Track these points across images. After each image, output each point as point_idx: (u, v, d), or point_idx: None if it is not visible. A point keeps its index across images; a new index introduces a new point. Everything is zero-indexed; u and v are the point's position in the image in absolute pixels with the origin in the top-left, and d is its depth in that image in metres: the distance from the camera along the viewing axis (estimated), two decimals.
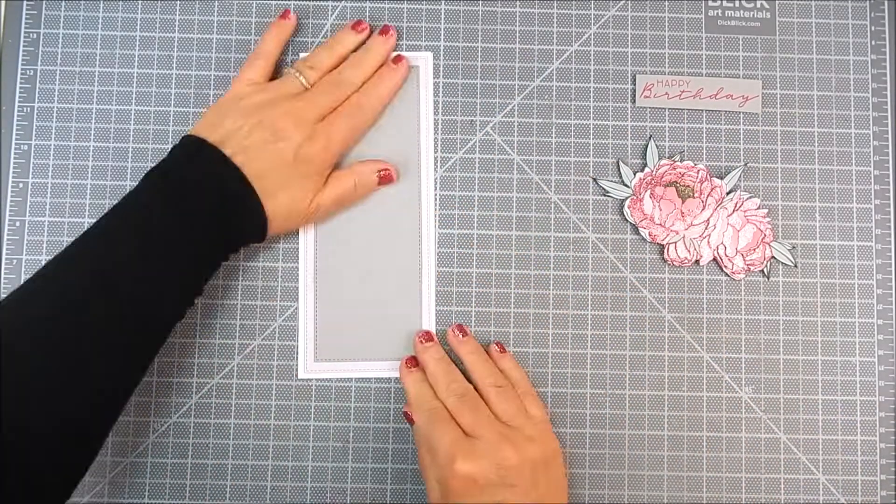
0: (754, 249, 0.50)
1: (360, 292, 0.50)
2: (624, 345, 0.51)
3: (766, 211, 0.50)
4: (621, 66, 0.53)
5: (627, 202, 0.50)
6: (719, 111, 0.52)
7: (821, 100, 0.52)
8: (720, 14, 0.53)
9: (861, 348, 0.51)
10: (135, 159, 0.51)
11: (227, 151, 0.43)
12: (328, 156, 0.46)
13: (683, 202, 0.50)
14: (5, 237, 0.51)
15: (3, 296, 0.50)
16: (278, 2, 0.53)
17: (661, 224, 0.50)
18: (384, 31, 0.50)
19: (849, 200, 0.52)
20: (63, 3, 0.52)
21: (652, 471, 0.50)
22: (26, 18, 0.52)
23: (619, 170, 0.51)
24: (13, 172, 0.51)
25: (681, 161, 0.50)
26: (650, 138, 0.51)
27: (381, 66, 0.50)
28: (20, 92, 0.52)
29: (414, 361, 0.48)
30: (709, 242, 0.50)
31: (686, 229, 0.50)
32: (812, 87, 0.53)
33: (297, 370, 0.50)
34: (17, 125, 0.51)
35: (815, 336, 0.51)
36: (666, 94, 0.52)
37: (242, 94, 0.46)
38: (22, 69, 0.52)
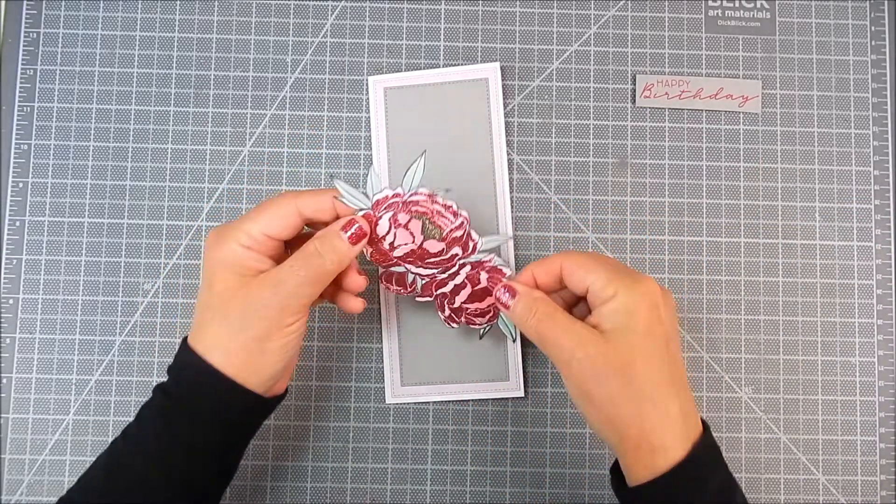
0: (482, 312, 0.44)
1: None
2: None
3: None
4: (621, 66, 0.53)
5: (361, 214, 0.41)
6: (719, 111, 0.52)
7: (821, 100, 0.53)
8: (720, 14, 0.53)
9: (861, 348, 0.51)
10: (135, 159, 0.51)
11: None
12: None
13: (424, 240, 0.42)
14: (5, 237, 0.51)
15: (3, 297, 0.50)
16: (278, 2, 0.53)
17: (388, 250, 0.42)
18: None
19: (849, 200, 0.52)
20: (63, 2, 0.52)
21: None
22: (26, 18, 0.52)
23: (369, 177, 0.42)
24: (13, 172, 0.51)
25: (442, 199, 0.42)
26: (423, 154, 0.42)
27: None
28: (20, 92, 0.52)
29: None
30: (435, 286, 0.44)
31: (415, 266, 0.43)
32: (812, 87, 0.53)
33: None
34: (17, 125, 0.51)
35: (815, 336, 0.51)
36: (666, 94, 0.52)
37: None
38: (22, 69, 0.52)
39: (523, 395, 0.50)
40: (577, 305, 0.44)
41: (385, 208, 0.42)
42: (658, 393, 0.36)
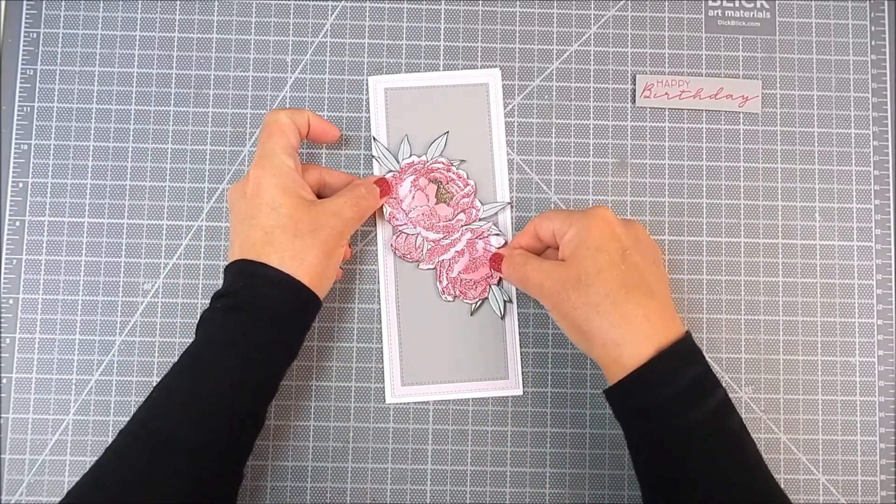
0: (475, 283, 0.50)
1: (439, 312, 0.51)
2: None
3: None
4: (621, 66, 0.53)
5: (389, 175, 0.50)
6: (719, 111, 0.52)
7: (821, 100, 0.53)
8: (720, 14, 0.53)
9: (861, 348, 0.51)
10: (135, 159, 0.51)
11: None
12: None
13: (437, 203, 0.50)
14: (5, 237, 0.51)
15: (3, 297, 0.50)
16: (278, 2, 0.53)
17: (405, 211, 0.50)
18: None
19: (849, 200, 0.52)
20: (63, 2, 0.52)
21: None
22: (26, 18, 0.52)
23: (401, 143, 0.51)
24: (13, 172, 0.51)
25: (457, 168, 0.50)
26: (446, 133, 0.51)
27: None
28: (20, 92, 0.52)
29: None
30: (438, 252, 0.50)
31: (425, 228, 0.50)
32: (812, 87, 0.53)
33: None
34: (17, 125, 0.51)
35: (815, 336, 0.51)
36: (666, 94, 0.52)
37: None
38: (22, 69, 0.52)
39: (522, 394, 0.50)
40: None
41: (410, 172, 0.50)
42: (614, 294, 0.40)
